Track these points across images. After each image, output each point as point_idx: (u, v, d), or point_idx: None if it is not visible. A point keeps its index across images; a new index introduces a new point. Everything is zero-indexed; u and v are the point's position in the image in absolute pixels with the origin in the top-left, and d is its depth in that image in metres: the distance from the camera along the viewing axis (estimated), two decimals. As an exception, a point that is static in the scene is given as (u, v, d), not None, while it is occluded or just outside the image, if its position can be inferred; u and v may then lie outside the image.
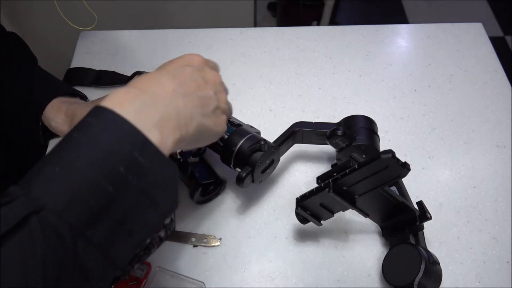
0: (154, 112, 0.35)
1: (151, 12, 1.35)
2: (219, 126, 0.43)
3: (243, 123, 0.57)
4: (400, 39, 0.78)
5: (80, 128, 0.33)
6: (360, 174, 0.45)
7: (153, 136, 0.34)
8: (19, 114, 0.59)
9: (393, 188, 0.54)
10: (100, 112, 0.33)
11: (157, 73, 0.39)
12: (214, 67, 0.46)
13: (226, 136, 0.53)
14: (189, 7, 1.36)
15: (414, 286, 0.45)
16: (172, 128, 0.36)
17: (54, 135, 0.61)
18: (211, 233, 0.56)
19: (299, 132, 0.56)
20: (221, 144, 0.53)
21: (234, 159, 0.52)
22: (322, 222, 0.52)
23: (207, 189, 0.57)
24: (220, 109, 0.43)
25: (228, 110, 0.45)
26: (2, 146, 0.66)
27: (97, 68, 0.72)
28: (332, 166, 0.59)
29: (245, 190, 0.59)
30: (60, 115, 0.56)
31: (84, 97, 0.63)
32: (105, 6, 1.28)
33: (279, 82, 0.71)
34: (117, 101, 0.34)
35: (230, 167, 0.53)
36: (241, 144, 0.51)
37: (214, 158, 0.59)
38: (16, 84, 0.59)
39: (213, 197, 0.59)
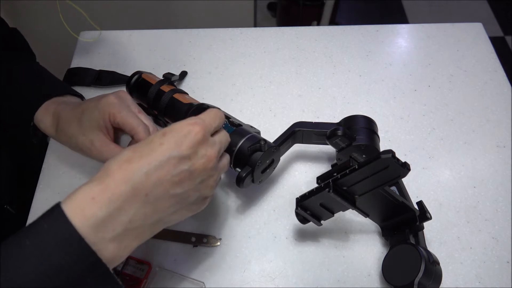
0: (117, 225, 0.35)
1: (151, 12, 1.35)
2: (197, 210, 0.43)
3: (243, 123, 0.57)
4: (400, 39, 0.78)
5: (33, 235, 0.33)
6: (360, 174, 0.45)
7: (108, 252, 0.34)
8: (12, 111, 0.57)
9: (393, 188, 0.54)
10: (57, 219, 0.33)
11: (136, 166, 0.36)
12: (216, 143, 0.42)
13: None
14: (189, 7, 1.37)
15: (414, 286, 0.45)
16: (133, 238, 0.37)
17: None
18: (211, 233, 0.56)
19: (299, 132, 0.56)
20: None
21: (234, 159, 0.52)
22: (322, 222, 0.52)
23: None
24: (201, 197, 0.42)
25: (209, 193, 0.43)
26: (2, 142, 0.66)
27: (97, 68, 0.72)
28: (332, 166, 0.59)
29: (245, 190, 0.59)
30: (48, 117, 0.54)
31: (80, 97, 0.61)
32: (105, 6, 1.28)
33: (279, 82, 0.71)
34: (81, 206, 0.34)
35: (230, 167, 0.53)
36: (241, 144, 0.51)
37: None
38: (12, 80, 0.58)
39: None
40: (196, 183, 0.40)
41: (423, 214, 0.51)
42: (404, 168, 0.43)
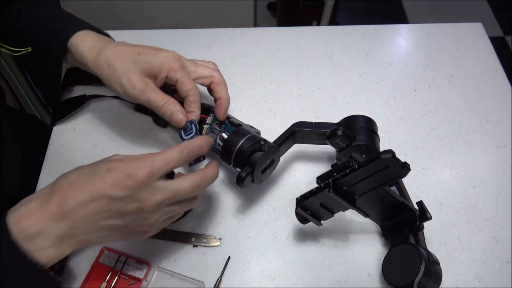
0: (48, 239, 0.40)
1: (152, 12, 1.35)
2: (134, 239, 0.47)
3: (243, 123, 0.57)
4: (400, 39, 0.78)
5: None
6: (360, 174, 0.45)
7: (43, 257, 0.40)
8: (46, 38, 0.57)
9: (393, 188, 0.54)
10: (1, 227, 0.39)
11: (72, 194, 0.41)
12: (165, 191, 0.43)
13: (226, 136, 0.53)
14: (189, 7, 1.37)
15: (414, 286, 0.45)
16: (66, 247, 0.42)
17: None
18: (211, 233, 0.56)
19: (299, 132, 0.56)
20: (221, 143, 0.54)
21: (234, 159, 0.52)
22: (322, 222, 0.52)
23: None
24: (137, 231, 0.44)
25: (146, 229, 0.45)
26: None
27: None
28: (332, 166, 0.59)
29: (245, 190, 0.59)
30: (88, 41, 0.54)
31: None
32: (105, 6, 1.28)
33: (279, 82, 0.71)
34: (19, 219, 0.40)
35: (230, 166, 0.53)
36: (241, 144, 0.51)
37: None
38: (46, 11, 0.59)
39: (186, 213, 0.57)
40: (126, 221, 0.42)
41: (423, 214, 0.51)
42: (404, 168, 0.43)
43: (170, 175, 0.46)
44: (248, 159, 0.51)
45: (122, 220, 0.42)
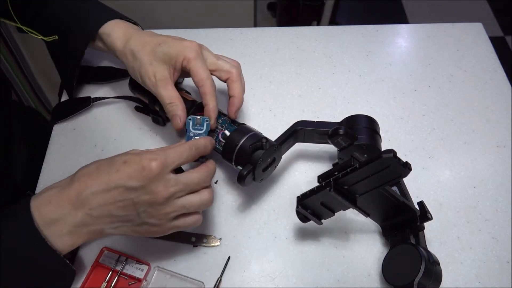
0: (64, 226, 0.43)
1: (152, 12, 1.35)
2: (145, 235, 0.47)
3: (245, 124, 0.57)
4: (400, 39, 0.78)
5: (3, 219, 0.42)
6: (361, 173, 0.45)
7: (59, 243, 0.43)
8: (77, 25, 0.60)
9: (394, 188, 0.54)
10: (23, 211, 0.43)
11: (89, 184, 0.43)
12: (177, 183, 0.44)
13: (228, 134, 0.54)
14: (189, 7, 1.37)
15: (414, 286, 0.45)
16: (80, 236, 0.44)
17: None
18: (211, 233, 0.56)
19: (300, 131, 0.56)
20: (223, 141, 0.54)
21: (235, 157, 0.52)
22: (322, 221, 0.52)
23: None
24: (149, 224, 0.45)
25: (158, 223, 0.46)
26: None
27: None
28: (333, 165, 0.60)
29: (245, 189, 0.59)
30: (119, 31, 0.57)
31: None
32: (105, 6, 1.28)
33: (279, 82, 0.71)
34: (40, 205, 0.43)
35: (231, 164, 0.53)
36: (243, 142, 0.52)
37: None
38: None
39: None
40: (139, 212, 0.44)
41: (423, 214, 0.51)
42: (405, 168, 0.43)
43: (178, 171, 0.47)
44: (249, 157, 0.51)
45: (135, 211, 0.44)
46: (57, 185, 0.45)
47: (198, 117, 0.52)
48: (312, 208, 0.50)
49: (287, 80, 0.72)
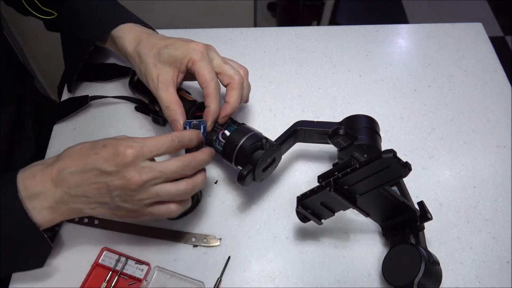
0: (45, 201, 0.45)
1: (152, 12, 1.35)
2: (123, 219, 0.48)
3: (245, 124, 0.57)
4: (400, 39, 0.78)
5: None
6: (361, 173, 0.45)
7: (39, 217, 0.45)
8: (93, 23, 0.62)
9: (395, 188, 0.54)
10: (10, 181, 0.45)
11: (69, 164, 0.45)
12: (151, 170, 0.45)
13: (228, 134, 0.53)
14: (189, 7, 1.37)
15: (414, 286, 0.45)
16: (60, 213, 0.46)
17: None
18: (211, 233, 0.56)
19: (300, 131, 0.56)
20: (223, 141, 0.54)
21: (235, 157, 0.52)
22: (322, 221, 0.52)
23: None
24: (122, 209, 0.46)
25: (133, 208, 0.46)
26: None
27: (97, 68, 0.72)
28: (333, 165, 0.60)
29: (245, 189, 0.59)
30: (130, 35, 0.59)
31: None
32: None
33: (279, 82, 0.71)
34: (26, 178, 0.45)
35: (231, 164, 0.53)
36: (243, 142, 0.52)
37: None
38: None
39: (186, 213, 0.57)
40: (113, 196, 0.45)
41: (423, 214, 0.51)
42: (406, 168, 0.43)
43: None
44: (249, 157, 0.51)
45: (109, 194, 0.45)
46: (43, 162, 0.47)
47: (195, 121, 0.52)
48: (312, 208, 0.50)
49: (287, 80, 0.72)
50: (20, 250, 0.47)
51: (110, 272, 0.53)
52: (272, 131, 0.64)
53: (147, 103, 0.63)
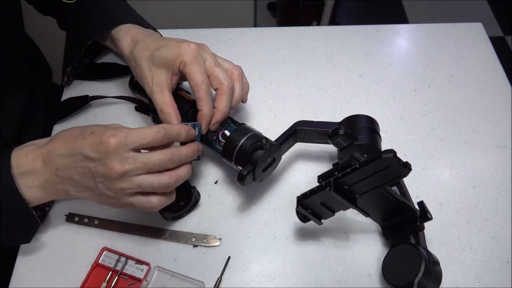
0: (35, 179, 0.47)
1: (152, 12, 1.35)
2: (108, 204, 0.48)
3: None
4: (400, 39, 0.78)
5: None
6: (361, 173, 0.45)
7: (28, 195, 0.47)
8: (93, 16, 0.63)
9: (395, 188, 0.54)
10: (5, 157, 0.47)
11: (58, 146, 0.46)
12: (135, 161, 0.45)
13: (228, 134, 0.54)
14: (189, 7, 1.37)
15: (414, 286, 0.45)
16: (48, 193, 0.48)
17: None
18: (211, 233, 0.56)
19: (301, 131, 0.56)
20: (223, 141, 0.54)
21: (235, 157, 0.52)
22: (322, 221, 0.52)
23: (177, 206, 0.56)
24: (105, 195, 0.47)
25: (115, 195, 0.47)
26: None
27: (97, 68, 0.72)
28: (333, 165, 0.60)
29: (245, 189, 0.59)
30: (127, 38, 0.59)
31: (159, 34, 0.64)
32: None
33: (279, 82, 0.71)
34: (19, 156, 0.47)
35: (231, 164, 0.53)
36: (243, 142, 0.52)
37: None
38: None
39: (185, 214, 0.57)
40: (96, 182, 0.46)
41: (423, 214, 0.51)
42: (405, 168, 0.43)
43: None
44: (249, 157, 0.51)
45: (92, 180, 0.46)
46: (38, 142, 0.49)
47: (189, 124, 0.51)
48: (312, 208, 0.50)
49: (287, 80, 0.72)
50: (9, 224, 0.49)
51: (110, 272, 0.53)
52: (272, 131, 0.64)
53: (147, 103, 0.63)
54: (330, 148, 0.57)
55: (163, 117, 0.52)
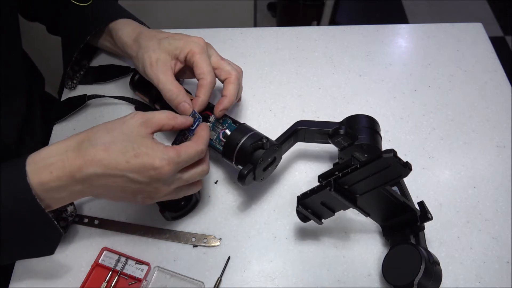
0: (63, 192, 0.44)
1: (151, 12, 1.35)
2: (137, 203, 0.51)
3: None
4: (400, 39, 0.78)
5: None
6: (362, 173, 0.45)
7: (55, 205, 0.45)
8: (91, 16, 0.64)
9: (395, 188, 0.54)
10: (19, 175, 0.42)
11: (96, 163, 0.42)
12: (180, 181, 0.47)
13: (229, 133, 0.54)
14: (189, 7, 1.37)
15: (414, 286, 0.45)
16: (75, 198, 0.46)
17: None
18: (211, 233, 0.56)
19: (301, 131, 0.56)
20: (224, 140, 0.54)
21: (236, 156, 0.52)
22: (323, 220, 0.52)
23: (177, 206, 0.56)
24: (140, 200, 0.48)
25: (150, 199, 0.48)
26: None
27: (97, 68, 0.72)
28: (334, 165, 0.60)
29: (245, 189, 0.59)
30: (128, 28, 0.61)
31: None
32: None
33: (279, 82, 0.71)
34: (40, 172, 0.43)
35: (231, 163, 0.53)
36: (244, 141, 0.52)
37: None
38: None
39: (185, 214, 0.57)
40: (136, 196, 0.46)
41: (424, 214, 0.51)
42: (406, 167, 0.43)
43: None
44: (250, 157, 0.51)
45: (133, 195, 0.46)
46: (59, 153, 0.43)
47: (190, 114, 0.53)
48: (312, 207, 0.50)
49: (287, 80, 0.72)
50: (30, 237, 0.46)
51: (110, 272, 0.53)
52: (272, 131, 0.64)
53: (147, 103, 0.63)
54: (331, 148, 0.57)
55: (173, 97, 0.53)
